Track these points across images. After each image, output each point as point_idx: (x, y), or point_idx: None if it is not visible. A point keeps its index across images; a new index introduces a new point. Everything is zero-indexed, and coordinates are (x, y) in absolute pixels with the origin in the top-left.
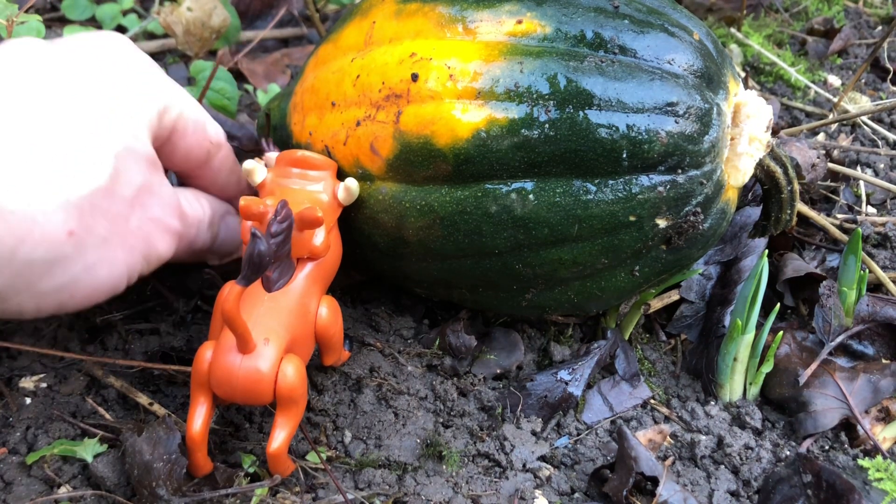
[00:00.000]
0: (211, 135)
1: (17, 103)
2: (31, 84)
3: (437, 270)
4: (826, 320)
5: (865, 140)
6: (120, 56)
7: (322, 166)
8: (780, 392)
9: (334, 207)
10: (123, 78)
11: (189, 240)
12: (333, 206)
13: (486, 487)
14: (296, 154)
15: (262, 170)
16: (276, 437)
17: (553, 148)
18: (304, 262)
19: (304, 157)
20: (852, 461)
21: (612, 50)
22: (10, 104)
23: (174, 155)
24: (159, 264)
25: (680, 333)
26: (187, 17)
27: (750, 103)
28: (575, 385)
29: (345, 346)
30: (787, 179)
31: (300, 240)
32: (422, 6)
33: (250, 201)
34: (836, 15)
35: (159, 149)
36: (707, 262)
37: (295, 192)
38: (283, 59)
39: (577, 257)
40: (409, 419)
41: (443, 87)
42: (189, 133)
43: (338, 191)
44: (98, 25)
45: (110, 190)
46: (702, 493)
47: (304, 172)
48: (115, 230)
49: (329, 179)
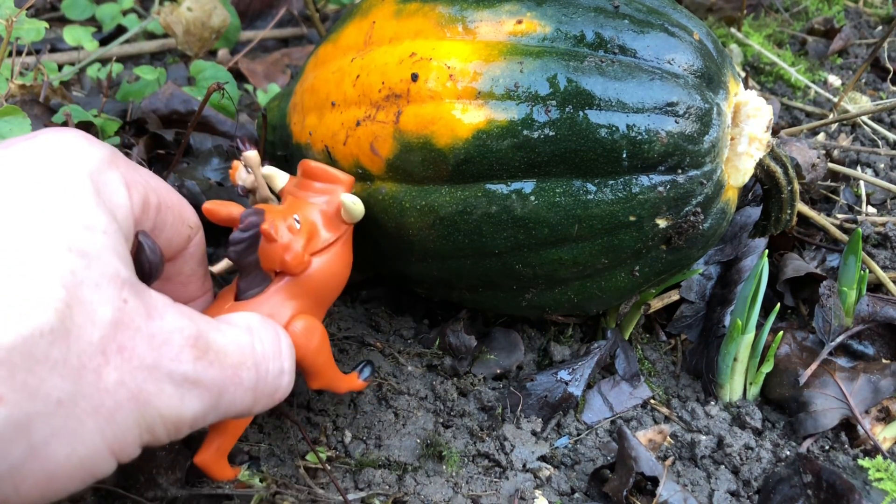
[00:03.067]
0: (189, 219)
1: None
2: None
3: (437, 270)
4: (826, 320)
5: (865, 140)
6: (72, 158)
7: (335, 180)
8: (781, 392)
9: (335, 223)
10: (76, 183)
11: (243, 387)
12: (335, 221)
13: (486, 487)
14: (311, 164)
15: (283, 176)
16: (204, 449)
17: (553, 148)
18: (281, 275)
19: (318, 168)
20: (852, 461)
21: (612, 50)
22: None
23: None
24: (187, 429)
25: (680, 333)
26: (187, 17)
27: (750, 103)
28: (575, 385)
29: (362, 375)
30: (787, 179)
31: (269, 252)
32: (422, 6)
33: (215, 204)
34: (837, 15)
35: None
36: (707, 262)
37: (304, 204)
38: (283, 59)
39: (577, 257)
40: (409, 419)
41: (443, 87)
42: (168, 225)
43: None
44: (98, 25)
45: (61, 333)
46: (702, 493)
47: (313, 184)
48: (80, 390)
49: (337, 194)
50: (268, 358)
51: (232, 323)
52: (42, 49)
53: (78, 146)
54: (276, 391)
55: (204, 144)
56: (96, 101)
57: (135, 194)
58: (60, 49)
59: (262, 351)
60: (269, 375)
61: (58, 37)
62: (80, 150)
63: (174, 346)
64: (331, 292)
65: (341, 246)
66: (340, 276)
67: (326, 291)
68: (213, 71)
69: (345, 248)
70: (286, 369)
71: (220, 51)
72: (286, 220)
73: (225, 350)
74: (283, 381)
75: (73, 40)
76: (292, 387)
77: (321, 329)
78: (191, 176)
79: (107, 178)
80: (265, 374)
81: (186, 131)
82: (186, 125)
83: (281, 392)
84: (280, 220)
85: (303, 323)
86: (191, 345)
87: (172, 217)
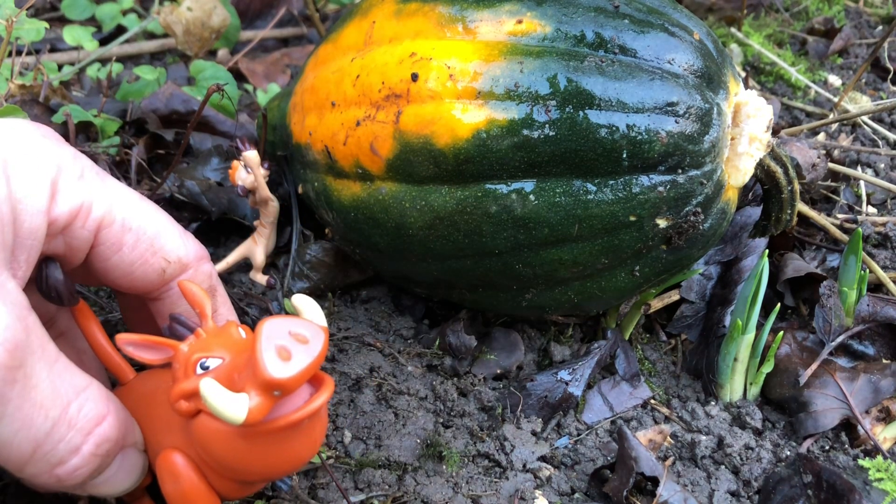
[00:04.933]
0: (168, 252)
1: None
2: None
3: (437, 270)
4: (826, 320)
5: (866, 140)
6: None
7: (200, 307)
8: (781, 392)
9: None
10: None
11: (28, 431)
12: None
13: (486, 487)
14: (182, 283)
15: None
16: None
17: (553, 148)
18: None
19: (186, 288)
20: (853, 461)
21: (612, 50)
22: None
23: (109, 273)
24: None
25: (680, 333)
26: (187, 17)
27: (750, 103)
28: (575, 385)
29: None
30: (787, 179)
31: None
32: (422, 6)
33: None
34: (837, 15)
35: (85, 264)
36: (707, 262)
37: (244, 353)
38: (283, 59)
39: (578, 257)
40: (409, 419)
41: (443, 87)
42: (128, 247)
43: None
44: (98, 25)
45: None
46: (702, 493)
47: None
48: None
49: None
50: (73, 426)
51: (73, 370)
52: (42, 49)
53: (23, 138)
54: (60, 465)
55: (204, 144)
56: (96, 101)
57: (68, 198)
58: (60, 49)
59: (73, 415)
60: (61, 443)
61: (58, 37)
62: (16, 140)
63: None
64: (220, 467)
65: (242, 439)
66: (235, 462)
67: (213, 462)
68: (213, 71)
69: (248, 444)
70: (84, 453)
71: (220, 51)
72: (198, 354)
73: (37, 382)
74: (72, 459)
75: (72, 40)
76: (83, 482)
77: (187, 483)
78: (191, 176)
79: (27, 169)
80: (57, 438)
81: (186, 131)
82: (186, 125)
83: (64, 471)
84: (193, 351)
85: (168, 460)
86: (5, 348)
87: (138, 241)
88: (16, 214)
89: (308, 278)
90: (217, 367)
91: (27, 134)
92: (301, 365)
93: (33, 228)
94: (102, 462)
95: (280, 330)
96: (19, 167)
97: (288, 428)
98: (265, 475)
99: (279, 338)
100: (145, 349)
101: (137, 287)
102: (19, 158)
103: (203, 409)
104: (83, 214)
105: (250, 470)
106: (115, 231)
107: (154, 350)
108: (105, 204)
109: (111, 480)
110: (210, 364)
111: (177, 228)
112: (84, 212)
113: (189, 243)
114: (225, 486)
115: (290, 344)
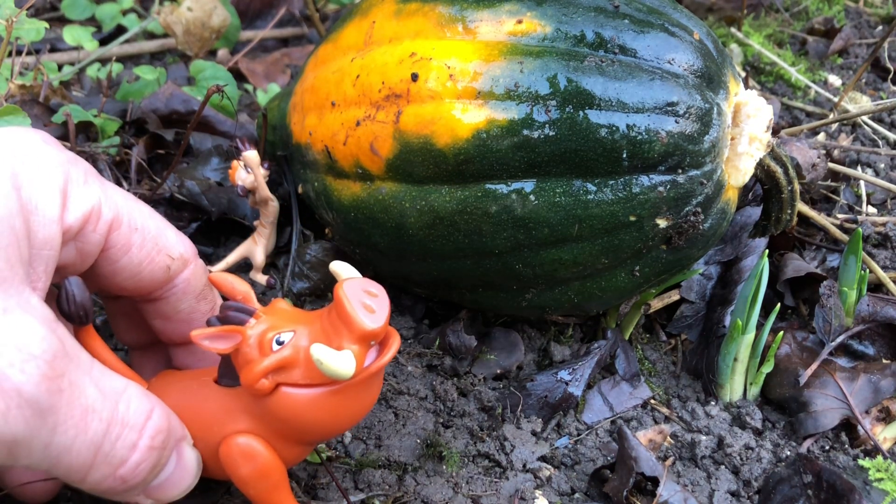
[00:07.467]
0: (171, 249)
1: None
2: None
3: (436, 270)
4: (826, 320)
5: (866, 140)
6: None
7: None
8: (781, 392)
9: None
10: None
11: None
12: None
13: (486, 488)
14: (212, 275)
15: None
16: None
17: (553, 148)
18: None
19: (219, 279)
20: (853, 461)
21: (612, 50)
22: None
23: (118, 275)
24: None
25: (680, 333)
26: (187, 17)
27: (750, 103)
28: (575, 385)
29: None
30: (787, 179)
31: (235, 356)
32: (422, 6)
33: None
34: (837, 14)
35: (93, 269)
36: (707, 262)
37: (316, 323)
38: (283, 59)
39: (578, 257)
40: (409, 419)
41: (443, 87)
42: (136, 247)
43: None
44: (98, 25)
45: None
46: (702, 493)
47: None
48: None
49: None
50: (127, 424)
51: (108, 373)
52: (42, 49)
53: (28, 147)
54: (122, 465)
55: (204, 144)
56: (96, 101)
57: (78, 204)
58: (60, 49)
59: (124, 413)
60: (119, 441)
61: (58, 37)
62: (21, 149)
63: (21, 352)
64: (299, 434)
65: (331, 397)
66: (317, 424)
67: (291, 431)
68: (212, 71)
69: (335, 400)
70: (142, 447)
71: (220, 51)
72: (271, 332)
73: (83, 388)
74: (132, 456)
75: (72, 40)
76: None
77: (263, 461)
78: (191, 176)
79: (36, 178)
80: (115, 437)
81: (186, 131)
82: (186, 125)
83: (127, 470)
84: (264, 330)
85: (239, 444)
86: (45, 360)
87: (144, 241)
88: (30, 226)
89: (308, 278)
90: (293, 338)
91: (31, 142)
92: (384, 314)
93: (48, 238)
94: (160, 456)
95: (357, 289)
96: (28, 177)
97: (379, 372)
98: (341, 430)
99: (360, 296)
100: (219, 340)
101: (143, 287)
102: (27, 168)
103: (283, 382)
104: (94, 218)
105: (330, 428)
106: (124, 232)
107: (226, 339)
108: (112, 206)
109: (171, 480)
110: (284, 338)
111: (171, 226)
112: (94, 216)
113: (185, 240)
114: (291, 453)
115: (368, 299)
